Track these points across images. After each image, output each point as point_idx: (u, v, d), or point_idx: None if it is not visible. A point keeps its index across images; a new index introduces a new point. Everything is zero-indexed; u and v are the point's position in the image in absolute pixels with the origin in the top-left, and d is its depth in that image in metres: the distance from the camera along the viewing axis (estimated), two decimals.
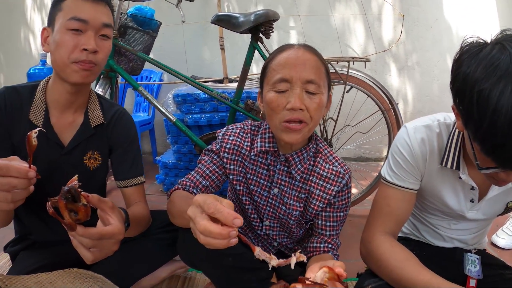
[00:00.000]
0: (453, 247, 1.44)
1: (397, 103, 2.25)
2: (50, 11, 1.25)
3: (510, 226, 2.20)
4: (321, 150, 1.35)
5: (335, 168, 1.32)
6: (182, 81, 2.14)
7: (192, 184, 1.29)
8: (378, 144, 3.24)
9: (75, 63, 1.19)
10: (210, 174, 1.33)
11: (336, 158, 1.35)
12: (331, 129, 2.18)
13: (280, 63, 1.19)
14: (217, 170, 1.35)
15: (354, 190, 2.51)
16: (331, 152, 1.37)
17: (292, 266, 0.81)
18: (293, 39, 3.55)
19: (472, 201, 1.26)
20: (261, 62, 2.74)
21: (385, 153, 3.58)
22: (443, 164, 1.20)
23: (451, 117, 1.24)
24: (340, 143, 2.32)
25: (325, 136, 2.16)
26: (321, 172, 1.32)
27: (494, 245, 2.18)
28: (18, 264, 1.37)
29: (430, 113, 3.05)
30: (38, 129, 0.94)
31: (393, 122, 2.26)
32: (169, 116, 2.12)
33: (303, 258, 0.83)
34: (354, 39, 3.56)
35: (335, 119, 2.09)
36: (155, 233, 1.51)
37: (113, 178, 1.48)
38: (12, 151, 1.16)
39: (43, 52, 3.76)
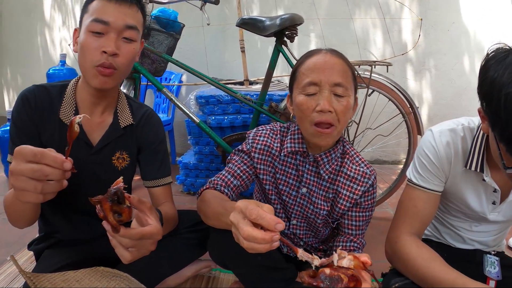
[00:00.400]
0: (473, 249, 1.47)
1: (417, 107, 2.27)
2: (81, 11, 1.25)
3: None
4: (348, 151, 1.40)
5: (361, 169, 1.36)
6: (202, 82, 2.17)
7: (223, 184, 1.32)
8: (395, 147, 3.26)
9: (96, 67, 1.18)
10: (241, 174, 1.37)
11: (362, 159, 1.40)
12: (353, 132, 2.20)
13: (309, 67, 1.26)
14: (248, 170, 1.39)
15: None
16: (357, 154, 1.42)
17: (335, 263, 0.83)
18: (313, 42, 3.58)
19: (494, 203, 1.30)
20: (282, 65, 2.78)
21: (402, 156, 3.59)
22: (467, 167, 1.24)
23: (474, 121, 1.28)
24: (361, 146, 2.34)
25: (347, 139, 2.18)
26: (348, 172, 1.37)
27: (511, 248, 2.18)
28: (42, 262, 1.39)
29: (446, 116, 3.07)
30: (83, 115, 0.93)
31: (413, 126, 2.28)
32: (193, 117, 2.16)
33: (345, 254, 0.85)
34: (373, 42, 3.58)
35: (358, 122, 2.10)
36: (182, 232, 1.53)
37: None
38: None
39: (63, 52, 3.82)
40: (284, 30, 2.00)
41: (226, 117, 2.44)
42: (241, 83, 3.00)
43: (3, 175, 3.44)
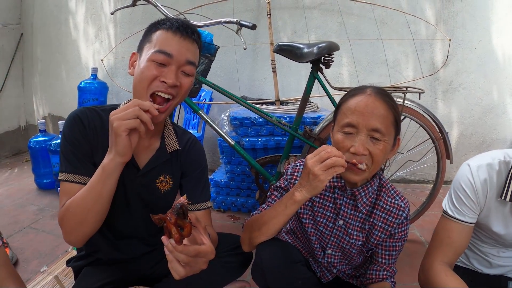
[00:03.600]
0: (498, 274, 1.55)
1: (447, 132, 2.32)
2: (142, 38, 1.34)
3: None
4: (384, 184, 1.46)
5: (396, 202, 1.43)
6: (241, 104, 2.26)
7: None
8: (421, 165, 3.31)
9: (151, 98, 1.27)
10: None
11: (397, 192, 1.47)
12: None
13: (350, 108, 1.31)
14: None
15: None
16: (393, 186, 1.48)
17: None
18: (343, 61, 3.67)
19: None
20: (317, 90, 2.84)
21: (428, 175, 3.61)
22: (502, 198, 1.32)
23: (510, 154, 1.36)
24: (391, 170, 2.40)
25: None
26: (384, 205, 1.43)
27: None
28: (83, 279, 1.45)
29: (473, 136, 3.12)
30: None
31: (443, 151, 2.34)
32: (228, 140, 2.25)
33: None
34: (402, 62, 3.65)
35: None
36: (222, 256, 1.54)
37: None
38: (93, 169, 1.22)
39: (95, 66, 3.96)
40: (321, 58, 2.09)
41: (259, 139, 2.53)
42: (272, 103, 3.08)
43: (33, 184, 3.56)
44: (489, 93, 3.55)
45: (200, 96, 3.52)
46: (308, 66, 2.16)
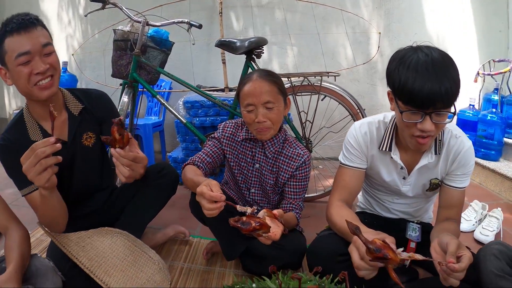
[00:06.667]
0: (398, 218, 1.89)
1: (364, 109, 2.82)
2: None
3: (468, 212, 2.68)
4: (288, 139, 1.98)
5: (296, 151, 1.93)
6: (192, 90, 2.75)
7: (199, 161, 1.89)
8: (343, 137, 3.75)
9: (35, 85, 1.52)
10: (213, 154, 1.94)
11: (299, 145, 1.97)
12: (313, 131, 2.83)
13: (245, 93, 1.82)
14: (218, 151, 1.97)
15: (327, 183, 3.15)
16: (295, 141, 2.00)
17: (248, 212, 1.35)
18: (289, 54, 4.25)
19: (404, 178, 1.72)
20: None
21: None
22: (380, 148, 1.67)
23: (388, 116, 1.70)
24: (317, 142, 2.96)
25: (306, 135, 2.80)
26: (287, 153, 1.94)
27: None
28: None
29: None
30: (51, 105, 1.28)
31: None
32: (181, 119, 2.75)
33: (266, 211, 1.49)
34: (341, 53, 4.25)
35: (311, 122, 2.75)
36: (154, 179, 1.90)
37: None
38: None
39: (65, 60, 4.33)
40: (252, 50, 2.61)
41: (207, 118, 3.05)
42: (222, 90, 3.62)
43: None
44: None
45: (161, 86, 4.04)
46: None
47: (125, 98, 2.64)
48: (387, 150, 1.65)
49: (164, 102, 2.76)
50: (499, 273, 1.31)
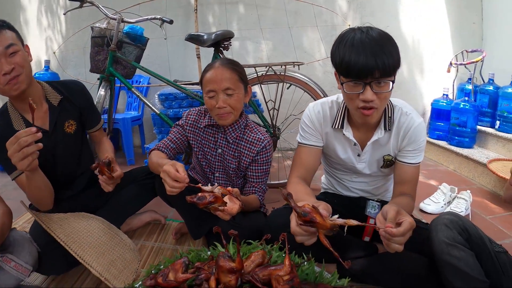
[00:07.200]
0: (358, 196, 1.96)
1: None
2: None
3: (436, 195, 2.75)
4: (249, 124, 2.06)
5: (257, 136, 2.00)
6: (166, 83, 2.89)
7: (164, 146, 1.99)
8: None
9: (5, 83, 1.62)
10: (177, 140, 2.04)
11: (260, 130, 2.03)
12: (280, 119, 2.98)
13: (207, 79, 1.90)
14: (182, 138, 2.06)
15: None
16: (256, 126, 2.07)
17: (209, 189, 1.50)
18: (263, 48, 4.42)
19: (359, 155, 1.78)
20: None
21: None
22: (333, 126, 1.73)
23: (340, 97, 1.76)
24: (285, 129, 3.12)
25: (273, 123, 2.95)
26: (248, 138, 2.00)
27: (422, 211, 2.68)
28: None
29: None
30: (30, 98, 1.39)
31: None
32: (154, 109, 2.88)
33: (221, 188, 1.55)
34: (314, 46, 4.42)
35: (277, 109, 2.89)
36: (139, 180, 2.13)
37: None
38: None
39: (47, 59, 4.41)
40: (219, 42, 2.76)
41: (181, 110, 3.17)
42: (197, 83, 3.64)
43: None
44: (399, 71, 4.28)
45: (140, 81, 4.19)
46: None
47: (101, 92, 2.77)
48: (340, 127, 1.72)
49: (139, 94, 2.87)
50: (451, 242, 1.35)
